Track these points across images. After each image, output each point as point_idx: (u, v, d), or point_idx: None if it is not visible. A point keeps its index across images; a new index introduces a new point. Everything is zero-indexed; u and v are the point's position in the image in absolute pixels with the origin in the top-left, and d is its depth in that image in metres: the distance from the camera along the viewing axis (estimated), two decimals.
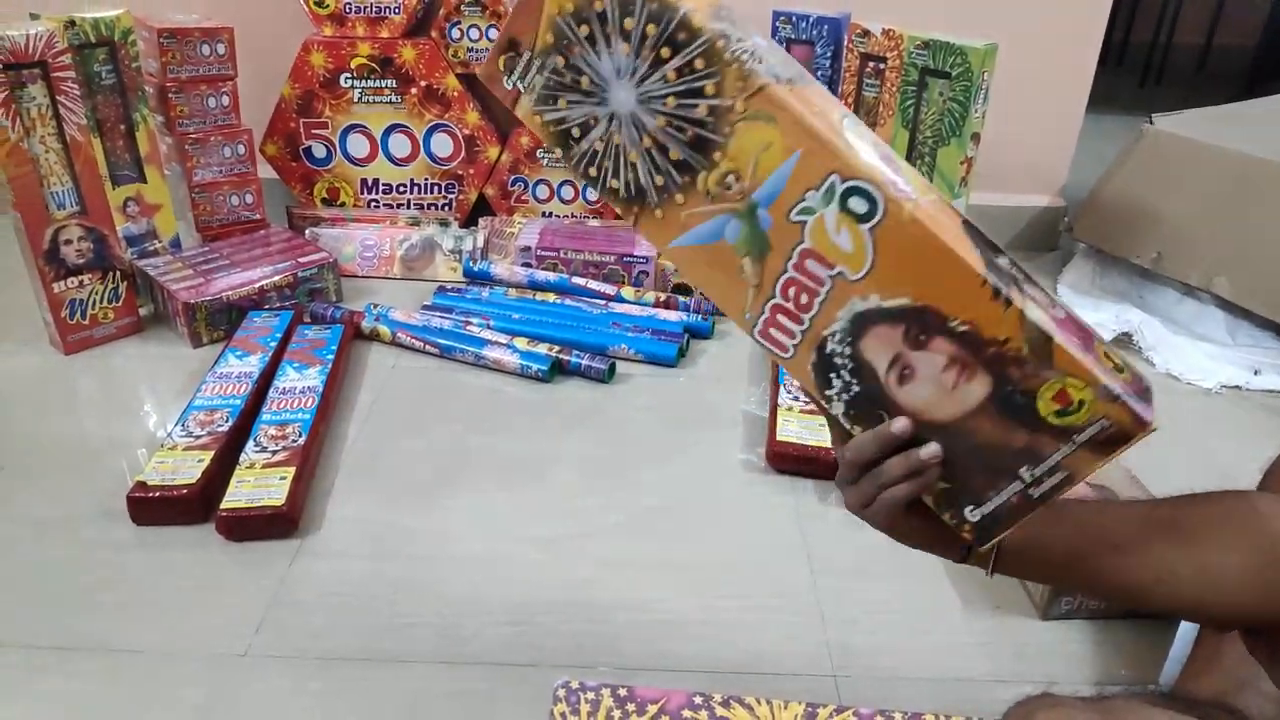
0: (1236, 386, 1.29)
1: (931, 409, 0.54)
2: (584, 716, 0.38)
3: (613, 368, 1.27)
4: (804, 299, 0.53)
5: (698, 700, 0.39)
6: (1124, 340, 1.39)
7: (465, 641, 0.84)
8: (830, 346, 0.54)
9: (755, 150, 0.52)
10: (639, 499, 1.03)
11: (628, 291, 1.45)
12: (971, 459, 0.54)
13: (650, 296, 1.43)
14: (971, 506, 0.55)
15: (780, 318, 0.54)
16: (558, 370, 1.27)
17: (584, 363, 1.26)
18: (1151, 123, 1.56)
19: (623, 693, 0.39)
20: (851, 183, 0.52)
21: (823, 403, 0.55)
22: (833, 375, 0.54)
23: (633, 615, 0.87)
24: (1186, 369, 1.32)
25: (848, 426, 0.55)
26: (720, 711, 0.39)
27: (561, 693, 0.39)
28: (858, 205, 0.52)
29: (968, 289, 0.52)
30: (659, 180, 0.54)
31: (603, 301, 1.43)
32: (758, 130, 0.52)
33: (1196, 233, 1.45)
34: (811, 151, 0.52)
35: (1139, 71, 3.17)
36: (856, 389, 0.54)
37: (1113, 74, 3.20)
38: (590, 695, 0.39)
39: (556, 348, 1.29)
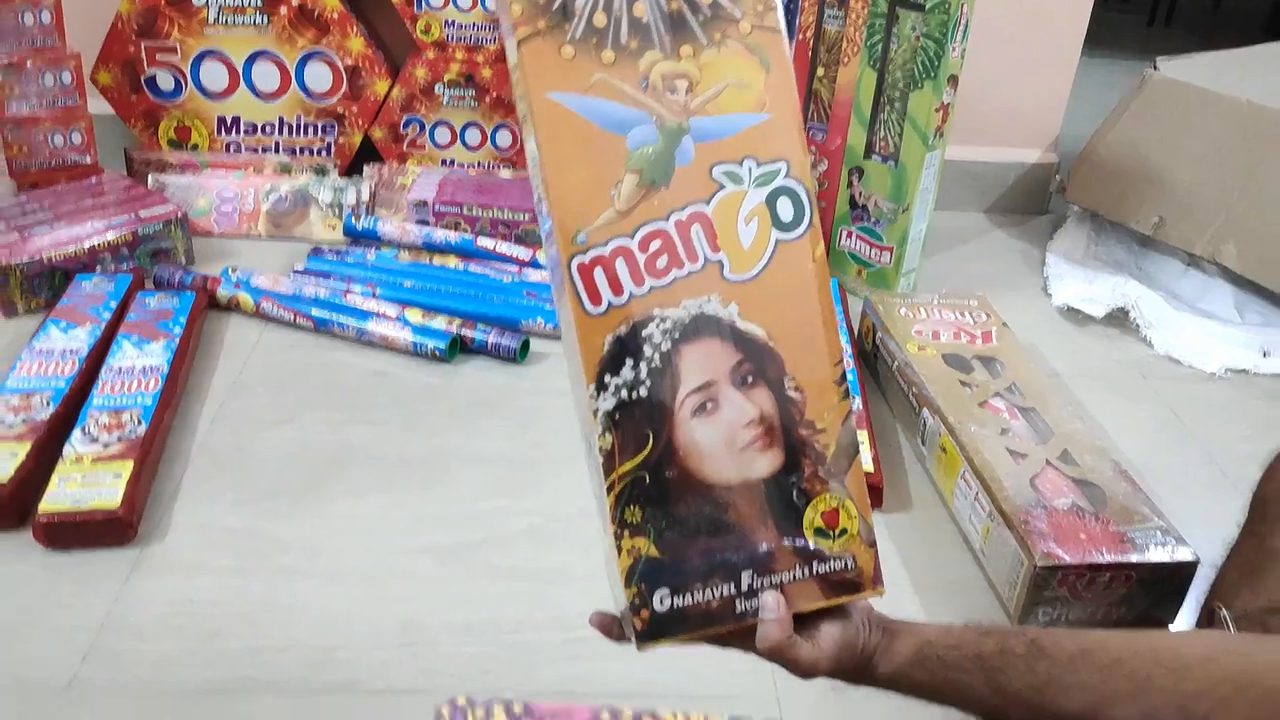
0: (1243, 370, 1.36)
1: (708, 459, 0.56)
2: None
3: (526, 345, 1.28)
4: (662, 263, 0.54)
5: (605, 716, 0.41)
6: (1119, 316, 1.45)
7: (344, 667, 0.85)
8: (650, 330, 0.54)
9: (729, 78, 0.55)
10: (555, 502, 1.04)
11: (545, 256, 1.46)
12: (703, 537, 0.56)
13: None
14: (667, 592, 0.56)
15: (619, 265, 0.53)
16: (459, 349, 1.28)
17: (491, 340, 1.27)
18: (1156, 68, 1.62)
19: (517, 709, 0.40)
20: (794, 182, 0.55)
21: (590, 385, 0.54)
22: (629, 362, 0.54)
23: (545, 635, 0.89)
24: (1188, 351, 1.38)
25: (598, 430, 0.54)
26: None
27: (445, 710, 0.40)
28: (785, 209, 0.56)
29: (821, 360, 0.57)
30: (600, 19, 0.53)
31: (515, 268, 1.44)
32: (745, 63, 0.55)
33: (1203, 195, 1.51)
34: (782, 126, 0.55)
35: (1147, 9, 3.28)
36: (644, 392, 0.54)
37: (1117, 11, 3.30)
38: (479, 712, 0.40)
39: (458, 321, 1.29)
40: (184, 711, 0.80)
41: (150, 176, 1.56)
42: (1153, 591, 0.91)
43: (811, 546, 0.58)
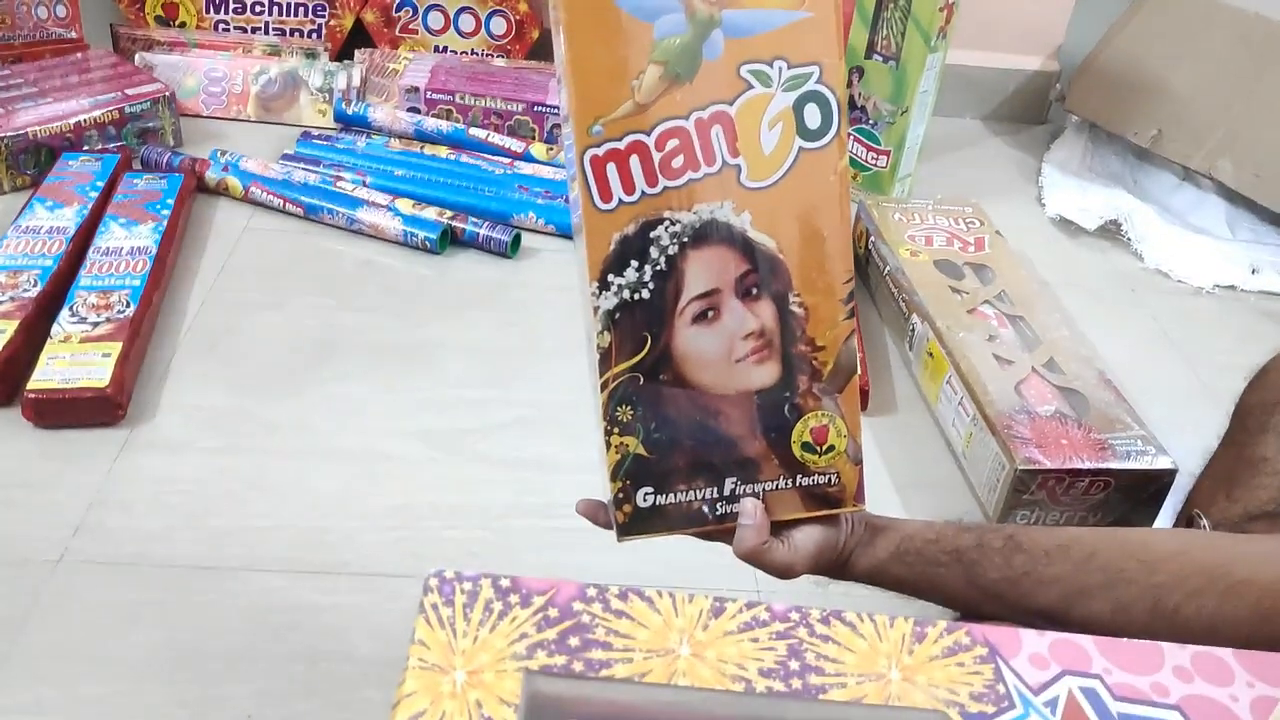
0: (1231, 286, 1.36)
1: (703, 367, 0.55)
2: (459, 608, 0.40)
3: (517, 240, 1.27)
4: (677, 163, 0.52)
5: (591, 592, 0.42)
6: (1111, 229, 1.44)
7: (332, 548, 0.86)
8: (659, 232, 0.53)
9: None
10: (543, 393, 1.05)
11: (538, 149, 1.44)
12: (690, 441, 0.56)
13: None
14: (650, 490, 0.57)
15: (633, 162, 0.52)
16: (450, 240, 1.27)
17: (482, 233, 1.26)
18: None
19: (505, 583, 0.41)
20: (826, 88, 0.52)
21: (593, 283, 0.53)
22: (634, 263, 0.53)
23: (532, 522, 0.90)
24: (1178, 265, 1.38)
25: (597, 327, 0.54)
26: (616, 604, 0.42)
27: (434, 582, 0.41)
28: (812, 116, 0.53)
29: (830, 277, 0.55)
30: None
31: (507, 160, 1.42)
32: None
33: (1203, 109, 1.49)
34: (820, 27, 0.52)
35: None
36: (646, 295, 0.53)
37: None
38: (467, 585, 0.40)
39: (449, 213, 1.28)
40: (172, 586, 0.81)
41: (137, 55, 1.52)
42: (1131, 498, 0.92)
43: (797, 459, 0.58)
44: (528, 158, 1.43)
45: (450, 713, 0.36)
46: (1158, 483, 0.92)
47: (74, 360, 0.96)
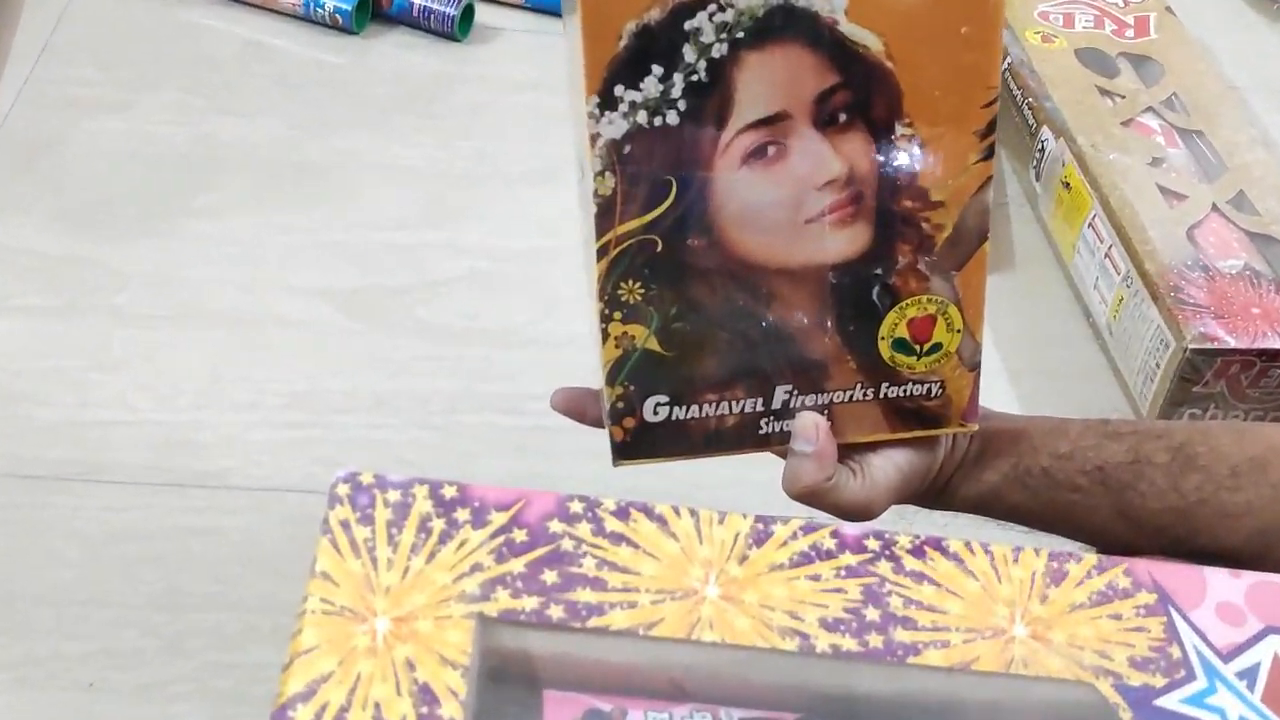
0: None
1: (756, 229, 0.53)
2: (381, 527, 0.38)
3: (469, 13, 1.26)
4: None
5: (575, 507, 0.40)
6: None
7: (207, 451, 0.86)
8: (698, 22, 0.48)
9: None
10: (506, 237, 1.04)
11: None
12: (728, 333, 0.54)
13: None
14: (664, 400, 0.55)
15: None
16: (371, 13, 1.25)
17: (418, 2, 1.24)
18: None
19: (449, 492, 0.39)
20: None
21: (593, 97, 0.50)
22: (657, 70, 0.49)
23: (490, 419, 0.90)
24: None
25: (596, 165, 0.51)
26: (613, 524, 0.40)
27: (344, 489, 0.39)
28: None
29: (963, 95, 0.51)
30: None
31: None
32: None
33: None
34: None
35: None
36: (674, 119, 0.50)
37: None
38: (393, 495, 0.39)
39: None
40: (3, 499, 0.82)
41: None
42: None
43: (885, 362, 0.56)
44: None
45: (368, 676, 0.35)
46: None
47: None
